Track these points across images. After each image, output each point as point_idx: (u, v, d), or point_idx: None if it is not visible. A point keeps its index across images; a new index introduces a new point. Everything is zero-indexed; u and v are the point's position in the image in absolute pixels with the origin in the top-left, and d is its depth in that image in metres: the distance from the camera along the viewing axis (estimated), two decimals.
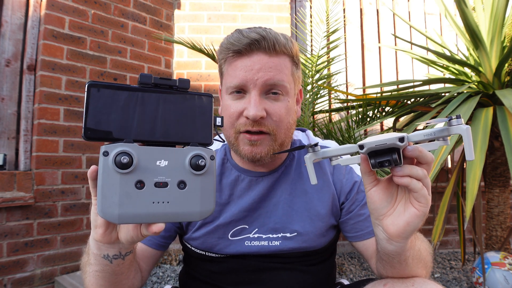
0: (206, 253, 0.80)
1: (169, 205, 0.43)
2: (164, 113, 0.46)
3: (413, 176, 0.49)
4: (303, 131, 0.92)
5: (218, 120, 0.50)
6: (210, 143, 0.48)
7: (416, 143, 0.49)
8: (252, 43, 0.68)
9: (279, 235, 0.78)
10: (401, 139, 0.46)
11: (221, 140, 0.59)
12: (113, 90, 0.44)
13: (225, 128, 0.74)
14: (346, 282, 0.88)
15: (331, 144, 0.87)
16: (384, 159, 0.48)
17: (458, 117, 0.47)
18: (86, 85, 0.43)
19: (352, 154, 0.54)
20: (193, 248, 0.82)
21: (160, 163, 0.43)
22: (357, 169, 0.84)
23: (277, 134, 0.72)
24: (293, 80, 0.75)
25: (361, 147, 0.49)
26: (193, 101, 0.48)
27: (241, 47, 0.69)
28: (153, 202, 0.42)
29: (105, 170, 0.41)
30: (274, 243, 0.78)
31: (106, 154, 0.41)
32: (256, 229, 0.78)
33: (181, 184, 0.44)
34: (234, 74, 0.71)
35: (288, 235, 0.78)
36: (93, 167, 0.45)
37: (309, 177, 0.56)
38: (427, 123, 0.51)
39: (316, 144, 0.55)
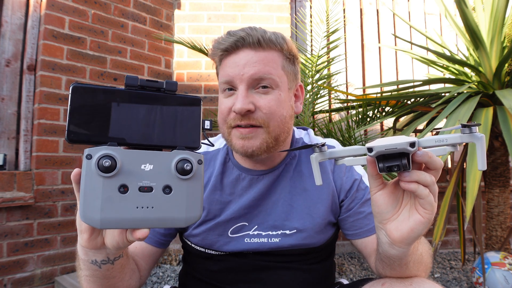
0: (206, 250, 0.81)
1: (153, 210, 0.42)
2: (151, 116, 0.44)
3: (420, 182, 0.47)
4: (305, 129, 0.92)
5: (207, 123, 0.49)
6: (198, 147, 0.47)
7: (425, 148, 0.48)
8: (237, 40, 0.71)
9: (279, 232, 0.78)
10: (412, 144, 0.45)
11: (209, 143, 0.58)
12: (98, 92, 0.42)
13: (219, 125, 0.77)
14: (346, 282, 0.88)
15: (333, 143, 0.87)
16: (393, 164, 0.47)
17: (473, 124, 0.45)
18: (70, 87, 0.41)
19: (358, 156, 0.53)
20: (193, 245, 0.82)
21: (145, 167, 0.42)
22: (357, 167, 0.84)
23: (270, 126, 0.72)
24: (285, 74, 0.75)
25: (370, 150, 0.47)
26: (180, 104, 0.46)
27: (227, 45, 0.72)
28: (137, 207, 0.41)
29: (88, 174, 0.40)
30: (273, 240, 0.78)
31: (89, 157, 0.40)
32: (256, 226, 0.79)
33: (167, 189, 0.42)
34: (224, 72, 0.73)
35: (287, 232, 0.78)
36: (76, 170, 0.44)
37: (314, 177, 0.55)
38: (436, 130, 0.50)
39: (323, 144, 0.54)
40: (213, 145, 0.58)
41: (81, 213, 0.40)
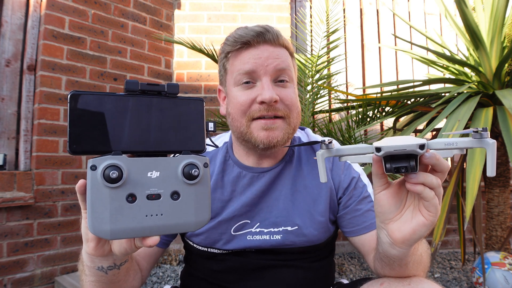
0: (208, 249, 0.81)
1: (163, 217, 0.41)
2: (153, 121, 0.43)
3: (426, 185, 0.47)
4: (302, 129, 0.93)
5: (211, 125, 0.48)
6: (203, 150, 0.46)
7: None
8: (259, 35, 0.73)
9: (280, 229, 0.79)
10: (422, 147, 0.45)
11: (213, 145, 0.58)
12: (98, 99, 0.41)
13: (234, 118, 0.76)
14: (346, 282, 0.88)
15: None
16: (401, 165, 0.46)
17: (484, 129, 0.44)
18: (69, 96, 0.40)
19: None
20: (195, 245, 0.83)
21: (151, 174, 0.41)
22: (355, 165, 0.85)
23: (290, 117, 0.75)
24: (294, 71, 0.80)
25: (378, 149, 0.47)
26: (183, 106, 0.45)
27: (250, 38, 0.73)
28: (146, 215, 0.41)
29: (94, 185, 0.39)
30: (275, 237, 0.79)
31: (94, 168, 0.39)
32: (258, 224, 0.80)
33: (175, 195, 0.42)
34: (243, 63, 0.74)
35: (289, 228, 0.79)
36: (81, 181, 0.44)
37: (319, 174, 0.53)
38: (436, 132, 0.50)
39: (330, 141, 0.53)
40: (217, 147, 0.58)
41: (90, 226, 0.39)
